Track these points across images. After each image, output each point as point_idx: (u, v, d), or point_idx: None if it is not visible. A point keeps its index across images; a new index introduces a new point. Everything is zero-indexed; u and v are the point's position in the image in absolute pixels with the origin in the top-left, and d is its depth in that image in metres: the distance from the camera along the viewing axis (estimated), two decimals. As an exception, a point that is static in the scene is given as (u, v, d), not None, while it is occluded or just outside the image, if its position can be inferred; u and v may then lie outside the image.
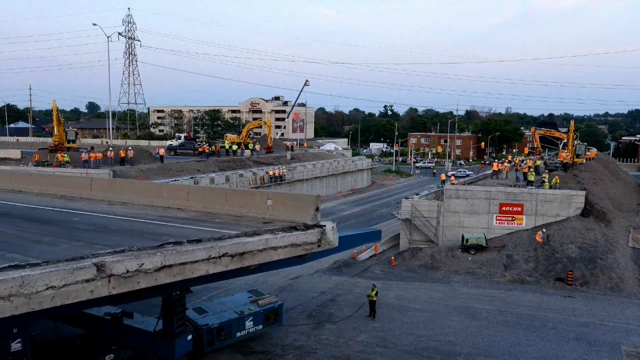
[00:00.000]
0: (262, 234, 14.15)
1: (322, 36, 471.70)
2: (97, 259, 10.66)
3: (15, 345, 12.66)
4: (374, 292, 25.01)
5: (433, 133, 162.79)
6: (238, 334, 19.72)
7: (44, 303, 9.60)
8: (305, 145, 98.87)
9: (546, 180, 40.44)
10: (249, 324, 19.95)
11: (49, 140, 68.51)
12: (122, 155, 51.45)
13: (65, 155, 48.35)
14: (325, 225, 15.27)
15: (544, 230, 35.50)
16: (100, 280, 10.32)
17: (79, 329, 18.63)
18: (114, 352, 17.00)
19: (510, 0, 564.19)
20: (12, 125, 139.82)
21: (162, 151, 55.69)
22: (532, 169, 45.92)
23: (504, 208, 37.77)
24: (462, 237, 36.17)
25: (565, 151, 53.29)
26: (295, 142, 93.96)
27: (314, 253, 15.41)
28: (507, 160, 70.34)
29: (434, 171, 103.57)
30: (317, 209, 15.66)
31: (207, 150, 64.22)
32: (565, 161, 51.48)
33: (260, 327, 20.40)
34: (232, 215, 17.19)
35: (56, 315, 15.62)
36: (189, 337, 16.67)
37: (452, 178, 47.24)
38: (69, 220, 16.73)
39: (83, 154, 49.18)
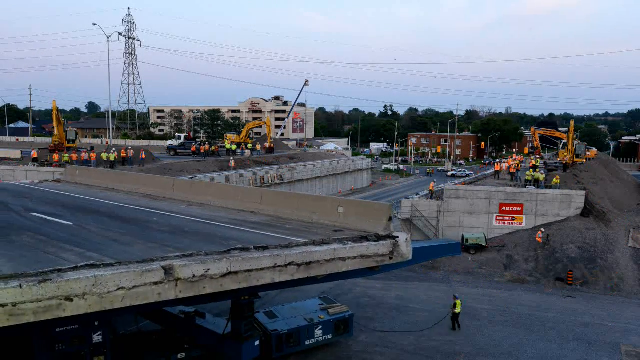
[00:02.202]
0: (330, 243, 13.70)
1: (320, 37, 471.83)
2: (166, 262, 10.79)
3: (97, 337, 13.27)
4: (455, 305, 23.81)
5: (433, 133, 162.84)
6: (307, 342, 19.41)
7: (115, 303, 9.86)
8: (304, 144, 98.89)
9: (540, 179, 40.68)
10: (318, 332, 19.62)
11: (49, 140, 68.51)
12: (124, 155, 51.53)
13: (66, 155, 48.40)
14: (398, 237, 14.52)
15: (542, 230, 35.53)
16: (168, 284, 10.45)
17: (156, 325, 18.99)
18: (185, 351, 17.08)
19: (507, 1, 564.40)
20: (12, 125, 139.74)
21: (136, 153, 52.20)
22: (535, 169, 45.92)
23: (504, 208, 37.80)
24: (462, 237, 36.20)
25: (564, 151, 53.36)
26: (306, 142, 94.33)
27: (386, 265, 14.73)
28: (511, 158, 70.51)
29: (431, 171, 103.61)
30: (389, 219, 15.14)
31: (202, 150, 64.30)
32: (564, 162, 51.51)
33: (329, 336, 20.00)
34: (302, 221, 16.95)
35: (130, 313, 15.82)
36: (257, 342, 16.54)
37: (432, 185, 46.72)
38: (149, 220, 17.26)
39: (83, 153, 49.25)
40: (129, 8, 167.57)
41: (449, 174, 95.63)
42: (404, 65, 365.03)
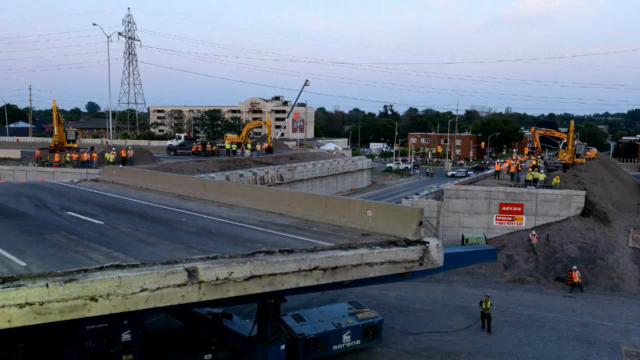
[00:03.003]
0: (357, 247, 13.34)
1: (317, 38, 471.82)
2: (189, 265, 10.72)
3: (125, 336, 13.38)
4: (486, 304, 23.73)
5: (433, 133, 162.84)
6: (334, 347, 19.03)
7: (139, 304, 9.87)
8: (298, 145, 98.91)
9: (541, 179, 40.73)
10: (346, 337, 19.22)
11: (49, 140, 68.52)
12: (123, 155, 51.54)
13: (67, 155, 48.43)
14: (429, 242, 14.09)
15: (533, 232, 35.46)
16: (191, 286, 10.38)
17: (184, 324, 18.99)
18: (212, 352, 16.97)
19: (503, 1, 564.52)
20: (12, 125, 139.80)
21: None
22: (535, 169, 45.92)
23: (504, 208, 37.80)
24: (462, 237, 36.18)
25: (564, 151, 53.36)
26: (306, 143, 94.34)
27: (415, 272, 14.34)
28: (510, 158, 70.51)
29: (431, 171, 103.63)
30: (420, 224, 14.64)
31: (208, 149, 64.37)
32: (564, 162, 51.52)
33: (358, 342, 19.55)
34: (330, 224, 16.68)
35: (157, 313, 16.05)
36: (283, 346, 16.35)
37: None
38: (177, 220, 17.33)
39: (85, 153, 49.28)
40: (129, 8, 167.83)
41: (449, 174, 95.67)
42: (403, 65, 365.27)
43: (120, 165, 48.21)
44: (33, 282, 9.19)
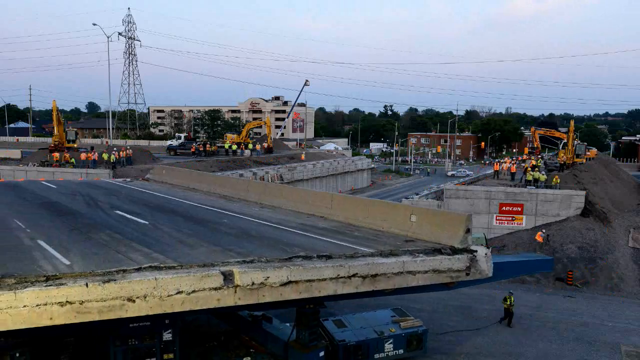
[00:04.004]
0: (399, 255, 12.78)
1: (315, 39, 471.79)
2: (226, 268, 10.68)
3: (167, 335, 13.48)
4: (508, 302, 23.60)
5: (433, 133, 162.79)
6: (376, 356, 18.16)
7: (175, 306, 9.91)
8: (298, 145, 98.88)
9: (541, 179, 40.74)
10: (388, 346, 18.24)
11: (49, 140, 68.51)
12: (122, 155, 51.62)
13: (70, 157, 48.45)
14: (476, 251, 13.41)
15: (543, 230, 35.51)
16: (227, 290, 10.33)
17: (225, 324, 18.86)
18: (251, 355, 16.74)
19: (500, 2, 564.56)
20: (12, 125, 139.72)
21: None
22: (535, 169, 45.89)
23: (504, 208, 37.79)
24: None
25: (564, 151, 53.38)
26: (305, 143, 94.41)
27: (462, 282, 13.55)
28: (509, 158, 70.51)
29: (431, 171, 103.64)
30: (467, 231, 13.96)
31: (208, 149, 64.39)
32: (562, 162, 51.54)
33: (401, 351, 18.58)
34: (372, 228, 16.25)
35: (195, 315, 16.01)
36: (322, 352, 15.84)
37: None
38: (218, 222, 17.38)
39: (88, 154, 49.37)
40: (129, 8, 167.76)
41: (449, 174, 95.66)
42: (403, 65, 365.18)
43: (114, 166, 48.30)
44: (74, 281, 9.39)
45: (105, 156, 49.20)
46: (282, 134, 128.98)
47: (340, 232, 15.82)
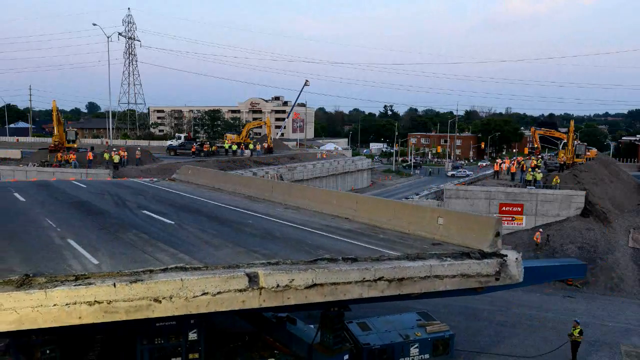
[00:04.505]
0: (426, 258, 12.53)
1: (314, 39, 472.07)
2: (251, 270, 10.66)
3: (192, 335, 13.56)
4: (577, 331, 20.72)
5: (433, 133, 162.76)
6: None
7: (200, 307, 9.97)
8: (299, 145, 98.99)
9: (538, 178, 40.81)
10: (414, 350, 17.81)
11: (49, 140, 68.51)
12: (120, 155, 51.62)
13: (72, 157, 48.49)
14: (506, 255, 13.02)
15: (541, 230, 35.50)
16: (252, 292, 10.32)
17: (249, 326, 18.82)
18: (275, 356, 16.64)
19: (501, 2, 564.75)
20: (12, 125, 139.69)
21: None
22: (535, 169, 45.91)
23: (504, 208, 37.80)
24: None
25: (564, 151, 53.40)
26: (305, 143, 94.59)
27: (491, 287, 13.21)
28: (508, 158, 70.52)
29: (431, 170, 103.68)
30: (497, 234, 13.57)
31: (206, 149, 64.38)
32: (561, 162, 51.56)
33: (426, 356, 18.17)
34: (398, 231, 16.02)
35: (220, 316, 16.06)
36: (346, 356, 15.68)
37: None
38: (243, 222, 17.47)
39: (72, 154, 49.58)
40: (129, 8, 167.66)
41: (449, 174, 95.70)
42: (403, 66, 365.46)
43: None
44: (102, 281, 9.52)
45: (106, 156, 49.21)
46: (282, 134, 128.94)
47: (365, 234, 15.65)
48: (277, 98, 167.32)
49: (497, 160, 64.31)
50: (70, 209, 20.13)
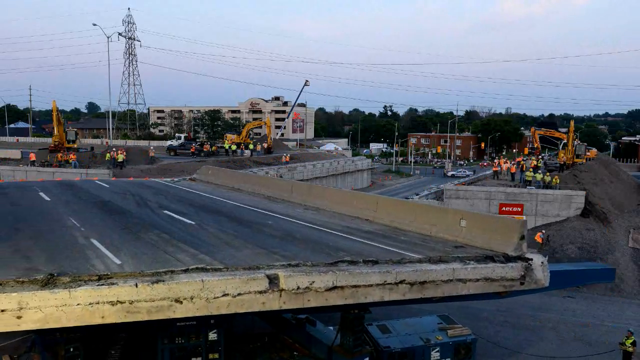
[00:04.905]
0: (449, 261, 12.34)
1: (313, 40, 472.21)
2: (271, 271, 10.64)
3: (212, 335, 13.64)
4: (630, 341, 19.97)
5: (433, 133, 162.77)
6: None
7: (221, 309, 9.98)
8: (298, 145, 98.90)
9: (537, 178, 40.82)
10: (435, 354, 17.34)
11: (49, 140, 68.54)
12: (116, 156, 51.73)
13: (72, 157, 48.54)
14: (532, 259, 12.76)
15: (543, 231, 35.50)
16: (272, 294, 10.28)
17: (269, 327, 18.71)
18: (294, 358, 16.50)
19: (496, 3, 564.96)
20: (12, 126, 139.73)
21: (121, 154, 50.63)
22: (536, 170, 45.94)
23: (503, 208, 37.79)
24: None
25: (564, 151, 53.45)
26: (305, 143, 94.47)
27: (515, 291, 12.95)
28: (503, 158, 70.58)
29: (434, 166, 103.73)
30: (522, 237, 13.32)
31: (206, 149, 64.41)
32: (561, 162, 51.59)
33: None
34: (420, 233, 15.88)
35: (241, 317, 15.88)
36: (366, 359, 15.42)
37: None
38: (263, 223, 17.51)
39: (88, 153, 49.64)
40: (129, 8, 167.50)
41: (449, 174, 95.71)
42: (402, 66, 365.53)
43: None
44: (124, 281, 9.63)
45: (107, 156, 49.32)
46: (282, 134, 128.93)
47: (386, 236, 15.52)
48: (277, 98, 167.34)
49: (495, 161, 64.40)
50: (93, 208, 20.43)
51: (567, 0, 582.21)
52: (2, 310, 8.75)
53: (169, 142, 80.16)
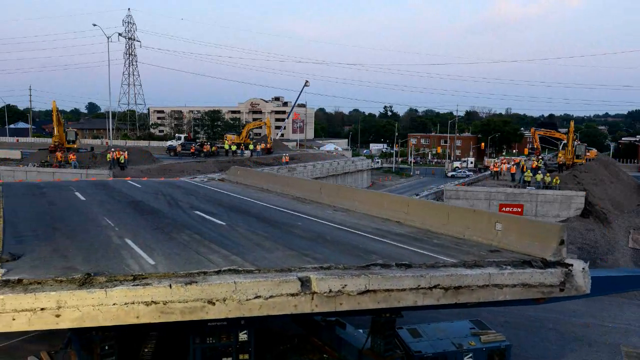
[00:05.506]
0: (484, 266, 12.05)
1: (312, 40, 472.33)
2: (303, 274, 10.61)
3: (243, 336, 13.63)
4: None
5: (433, 134, 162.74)
6: None
7: (253, 311, 10.00)
8: (298, 145, 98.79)
9: (538, 179, 40.82)
10: None
11: (49, 140, 68.53)
12: (116, 157, 51.73)
13: (72, 157, 48.53)
14: (572, 265, 12.35)
15: None
16: (304, 297, 10.25)
17: (298, 328, 18.55)
18: None
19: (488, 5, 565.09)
20: (12, 126, 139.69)
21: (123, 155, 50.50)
22: (537, 171, 45.93)
23: (504, 209, 37.79)
24: (462, 238, 36.12)
25: (563, 152, 53.48)
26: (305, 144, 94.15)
27: (553, 297, 12.53)
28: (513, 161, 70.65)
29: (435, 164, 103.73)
30: (561, 242, 12.90)
31: (206, 149, 64.44)
32: (560, 162, 51.61)
33: None
34: (452, 236, 15.61)
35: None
36: None
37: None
38: (293, 225, 17.47)
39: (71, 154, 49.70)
40: (129, 9, 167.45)
41: (449, 174, 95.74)
42: (402, 66, 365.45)
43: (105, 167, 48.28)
44: (159, 282, 9.79)
45: (108, 157, 49.37)
46: (282, 135, 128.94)
47: (418, 239, 15.29)
48: (277, 99, 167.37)
49: (495, 161, 64.38)
50: (126, 208, 20.67)
51: (559, 2, 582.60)
52: (42, 309, 8.97)
53: (169, 143, 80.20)
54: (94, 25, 69.85)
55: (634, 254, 33.91)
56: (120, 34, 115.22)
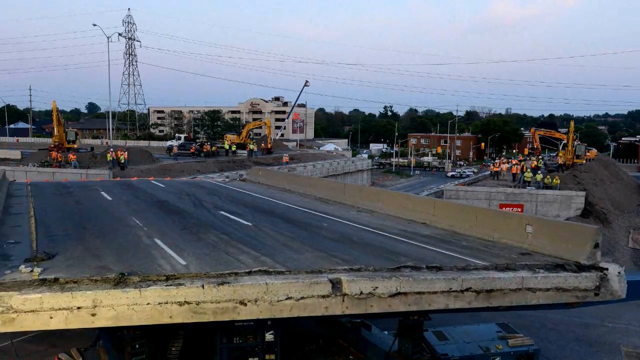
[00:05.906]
0: (516, 269, 11.84)
1: (312, 41, 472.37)
2: (333, 276, 10.57)
3: (269, 336, 13.61)
4: None
5: (433, 134, 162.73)
6: None
7: (284, 312, 10.03)
8: (298, 145, 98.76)
9: (537, 179, 40.83)
10: None
11: (49, 140, 68.53)
12: (115, 157, 51.77)
13: (72, 157, 48.51)
14: (607, 269, 12.09)
15: None
16: (335, 298, 10.20)
17: (323, 329, 18.43)
18: None
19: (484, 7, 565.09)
20: (12, 126, 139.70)
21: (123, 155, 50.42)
22: (534, 170, 45.95)
23: (503, 209, 37.78)
24: (462, 238, 36.12)
25: (563, 152, 53.49)
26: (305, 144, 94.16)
27: (587, 301, 12.26)
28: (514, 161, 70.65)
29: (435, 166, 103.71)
30: (596, 245, 12.58)
31: (206, 149, 64.44)
32: (559, 162, 51.63)
33: None
34: (481, 238, 15.39)
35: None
36: None
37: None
38: (318, 225, 17.49)
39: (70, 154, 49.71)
40: (129, 9, 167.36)
41: (449, 174, 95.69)
42: (401, 66, 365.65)
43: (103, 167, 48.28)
44: (191, 282, 9.83)
45: (108, 157, 49.41)
46: (282, 135, 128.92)
47: (446, 241, 15.13)
48: (277, 99, 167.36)
49: (495, 162, 64.38)
50: (152, 208, 20.85)
51: (555, 3, 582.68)
52: (78, 308, 9.09)
53: (169, 143, 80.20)
54: (94, 25, 69.97)
55: (634, 254, 33.91)
56: (120, 34, 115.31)
